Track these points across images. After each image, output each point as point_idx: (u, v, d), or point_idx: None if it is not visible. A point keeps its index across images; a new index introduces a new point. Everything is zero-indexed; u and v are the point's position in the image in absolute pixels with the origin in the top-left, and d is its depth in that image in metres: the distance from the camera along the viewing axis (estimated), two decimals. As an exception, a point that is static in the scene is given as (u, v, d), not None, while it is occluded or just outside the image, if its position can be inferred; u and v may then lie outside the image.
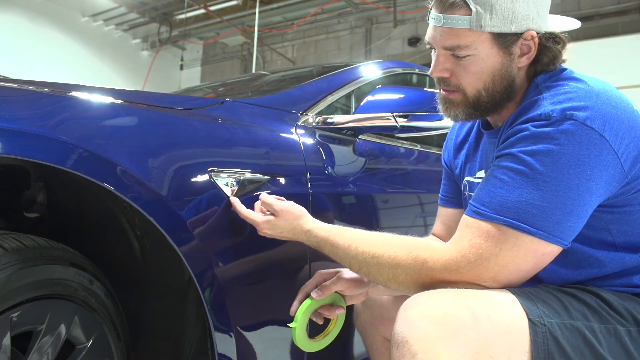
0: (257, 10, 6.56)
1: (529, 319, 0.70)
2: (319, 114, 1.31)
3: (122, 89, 0.99)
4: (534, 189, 0.72)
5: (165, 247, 0.86)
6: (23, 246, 0.76)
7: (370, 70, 1.62)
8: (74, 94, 0.87)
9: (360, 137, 1.36)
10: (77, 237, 0.96)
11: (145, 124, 0.92)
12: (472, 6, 0.82)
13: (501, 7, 0.81)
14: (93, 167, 0.77)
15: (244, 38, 7.87)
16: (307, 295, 0.97)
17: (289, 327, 0.94)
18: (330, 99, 1.39)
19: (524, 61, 0.85)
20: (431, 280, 0.76)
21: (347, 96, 1.50)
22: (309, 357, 1.11)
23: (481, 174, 0.98)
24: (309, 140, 1.21)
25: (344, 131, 1.30)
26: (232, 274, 0.94)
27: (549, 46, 0.84)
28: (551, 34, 0.85)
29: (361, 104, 1.27)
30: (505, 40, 0.83)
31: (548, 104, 0.76)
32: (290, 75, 1.90)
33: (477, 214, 0.76)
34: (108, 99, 0.90)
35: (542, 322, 0.70)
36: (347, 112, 1.55)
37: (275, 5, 7.36)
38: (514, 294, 0.73)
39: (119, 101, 0.92)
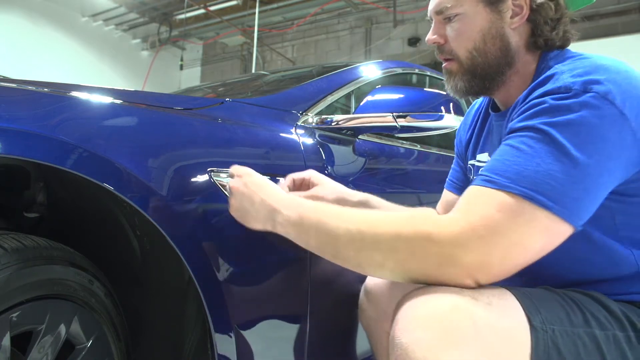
0: (257, 10, 6.56)
1: (531, 325, 0.67)
2: (319, 114, 1.31)
3: (122, 89, 0.99)
4: (554, 160, 0.66)
5: (165, 247, 0.86)
6: (23, 246, 0.76)
7: (370, 70, 1.62)
8: (74, 94, 0.87)
9: (360, 137, 1.36)
10: (77, 237, 0.96)
11: (145, 124, 0.92)
12: None
13: None
14: (93, 167, 0.77)
15: (244, 38, 7.88)
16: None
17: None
18: (330, 99, 1.39)
19: (517, 21, 0.85)
20: (436, 256, 0.67)
21: (347, 96, 1.50)
22: (309, 358, 1.10)
23: (483, 156, 0.96)
24: (309, 140, 1.21)
25: (343, 131, 1.30)
26: (232, 274, 0.94)
27: (541, 2, 0.83)
28: None
29: (361, 104, 1.26)
30: None
31: (568, 77, 0.72)
32: (290, 75, 1.90)
33: (489, 182, 0.69)
34: (108, 99, 0.90)
35: (544, 329, 0.67)
36: (347, 112, 1.55)
37: (275, 5, 7.36)
38: (515, 296, 0.70)
39: (119, 101, 0.92)
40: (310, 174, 1.07)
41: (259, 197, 0.86)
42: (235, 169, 0.92)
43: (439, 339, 0.62)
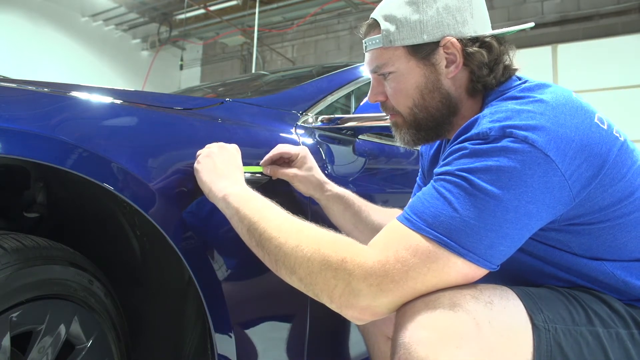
0: (257, 10, 6.56)
1: (533, 324, 0.67)
2: (319, 114, 1.31)
3: (122, 89, 0.99)
4: (471, 206, 0.66)
5: (165, 247, 0.86)
6: (23, 246, 0.76)
7: (370, 70, 1.62)
8: (74, 94, 0.87)
9: (360, 137, 1.36)
10: (77, 237, 0.96)
11: (145, 124, 0.92)
12: (382, 24, 0.85)
13: (407, 19, 0.82)
14: (93, 167, 0.77)
15: (244, 38, 7.87)
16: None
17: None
18: (330, 99, 1.39)
19: (453, 70, 0.83)
20: (343, 282, 0.67)
21: (347, 96, 1.50)
22: (308, 357, 1.11)
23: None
24: (309, 140, 1.21)
25: (343, 131, 1.30)
26: (232, 274, 0.94)
27: (471, 51, 0.81)
28: (474, 38, 0.82)
29: (361, 104, 1.27)
30: (421, 52, 0.83)
31: (487, 122, 0.71)
32: (290, 75, 1.90)
33: (408, 222, 0.69)
34: (108, 99, 0.90)
35: (546, 328, 0.67)
36: (347, 112, 1.55)
37: (275, 5, 7.35)
38: (517, 295, 0.70)
39: (118, 101, 0.92)
40: (301, 153, 1.06)
41: (222, 165, 0.88)
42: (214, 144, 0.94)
43: (441, 338, 0.62)
